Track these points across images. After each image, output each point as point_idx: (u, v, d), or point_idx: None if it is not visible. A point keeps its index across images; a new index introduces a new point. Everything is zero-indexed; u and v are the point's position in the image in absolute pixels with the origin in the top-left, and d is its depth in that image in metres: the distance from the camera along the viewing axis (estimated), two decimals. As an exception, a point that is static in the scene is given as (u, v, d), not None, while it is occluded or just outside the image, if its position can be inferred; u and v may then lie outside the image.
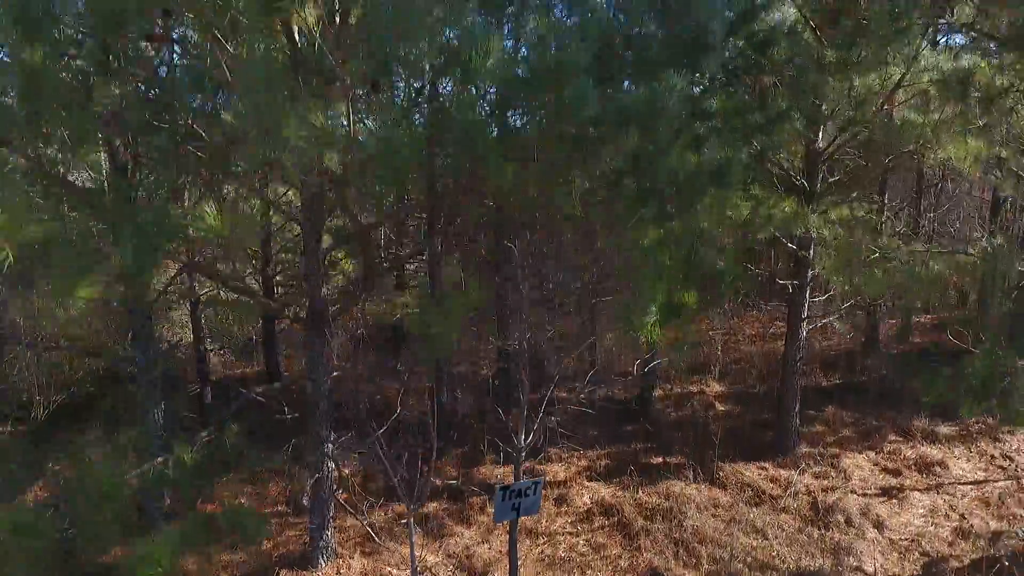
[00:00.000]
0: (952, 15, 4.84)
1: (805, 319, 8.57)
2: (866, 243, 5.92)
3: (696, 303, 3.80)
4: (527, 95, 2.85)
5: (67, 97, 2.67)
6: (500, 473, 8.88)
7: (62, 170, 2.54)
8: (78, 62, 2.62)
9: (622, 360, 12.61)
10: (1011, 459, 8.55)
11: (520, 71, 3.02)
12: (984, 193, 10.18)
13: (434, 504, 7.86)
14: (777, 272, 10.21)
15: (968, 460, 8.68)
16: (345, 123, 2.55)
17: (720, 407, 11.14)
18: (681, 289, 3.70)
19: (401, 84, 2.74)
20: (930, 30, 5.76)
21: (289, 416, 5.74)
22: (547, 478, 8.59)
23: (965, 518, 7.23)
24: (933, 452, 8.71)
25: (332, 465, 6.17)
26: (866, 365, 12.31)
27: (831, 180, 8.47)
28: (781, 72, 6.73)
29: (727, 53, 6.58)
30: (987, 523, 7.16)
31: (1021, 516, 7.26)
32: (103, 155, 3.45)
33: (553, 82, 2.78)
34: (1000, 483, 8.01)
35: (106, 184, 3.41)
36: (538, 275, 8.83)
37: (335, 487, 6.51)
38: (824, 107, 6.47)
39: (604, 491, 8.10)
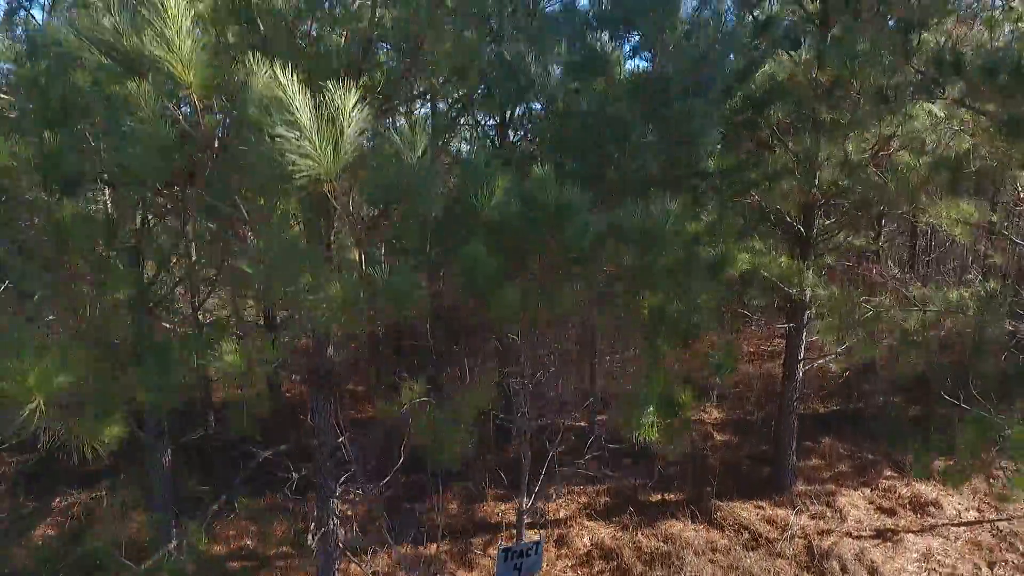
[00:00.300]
0: (943, 92, 4.96)
1: (802, 360, 8.70)
2: (860, 302, 6.03)
3: (692, 401, 3.94)
4: (529, 232, 2.98)
5: (93, 239, 2.80)
6: (502, 510, 9.01)
7: (88, 314, 2.68)
8: (103, 205, 2.75)
9: (621, 386, 12.75)
10: (1004, 498, 8.67)
11: (519, 186, 3.15)
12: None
13: (436, 545, 7.99)
14: (775, 314, 10.27)
15: (962, 497, 8.81)
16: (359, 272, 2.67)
17: (718, 437, 11.29)
18: (679, 386, 3.82)
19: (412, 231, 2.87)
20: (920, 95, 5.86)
21: (296, 476, 5.87)
22: (547, 516, 8.72)
23: (958, 565, 7.36)
24: (927, 490, 8.85)
25: (337, 520, 6.29)
26: (863, 391, 12.45)
27: (828, 222, 8.62)
28: (779, 126, 6.86)
29: (724, 111, 6.70)
30: (979, 569, 7.30)
31: (1012, 562, 7.40)
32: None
33: (554, 224, 2.91)
34: (992, 524, 8.14)
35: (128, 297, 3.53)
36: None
37: (340, 538, 6.64)
38: (818, 171, 6.59)
39: (604, 532, 8.24)
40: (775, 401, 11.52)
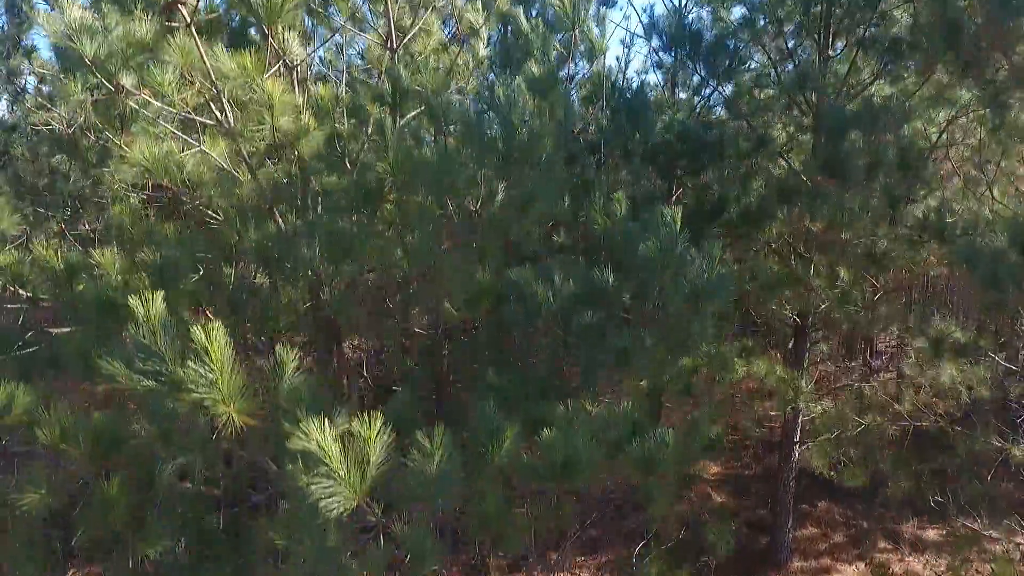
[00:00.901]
0: (930, 244, 5.20)
1: (797, 442, 8.94)
2: (852, 418, 6.27)
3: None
4: (537, 481, 3.22)
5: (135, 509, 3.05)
6: (506, 585, 9.26)
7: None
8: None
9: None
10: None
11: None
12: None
13: (443, 628, 8.23)
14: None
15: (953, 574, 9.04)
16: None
17: (717, 498, 11.52)
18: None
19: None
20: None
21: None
22: (551, 593, 8.96)
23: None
24: (918, 568, 9.09)
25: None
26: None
27: (823, 306, 8.85)
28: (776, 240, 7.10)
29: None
30: (968, 659, 7.55)
31: (1000, 653, 7.63)
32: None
33: (562, 477, 3.16)
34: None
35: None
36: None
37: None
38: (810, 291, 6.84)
39: (605, 614, 8.49)
40: (774, 452, 11.74)
